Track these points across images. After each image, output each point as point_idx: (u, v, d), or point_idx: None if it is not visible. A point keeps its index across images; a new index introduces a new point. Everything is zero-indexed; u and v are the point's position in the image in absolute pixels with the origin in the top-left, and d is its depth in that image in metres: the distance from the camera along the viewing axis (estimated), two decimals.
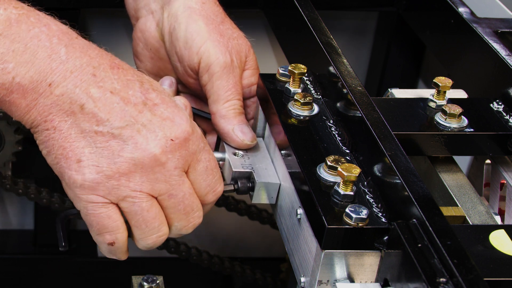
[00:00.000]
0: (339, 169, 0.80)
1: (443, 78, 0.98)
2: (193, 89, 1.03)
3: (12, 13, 0.79)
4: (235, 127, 0.96)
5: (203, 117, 1.02)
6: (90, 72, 0.79)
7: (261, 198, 0.93)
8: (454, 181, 0.97)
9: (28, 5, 0.82)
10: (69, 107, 0.79)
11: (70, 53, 0.79)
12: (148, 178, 0.81)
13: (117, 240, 0.85)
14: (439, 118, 0.95)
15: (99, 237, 0.85)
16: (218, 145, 1.00)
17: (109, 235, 0.84)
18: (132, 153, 0.80)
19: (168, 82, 1.03)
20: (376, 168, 0.84)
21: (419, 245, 0.73)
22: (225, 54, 0.97)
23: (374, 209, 0.81)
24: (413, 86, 1.52)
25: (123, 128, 0.80)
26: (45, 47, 0.79)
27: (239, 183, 0.92)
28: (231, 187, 0.93)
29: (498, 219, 0.94)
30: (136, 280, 0.90)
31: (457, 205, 0.94)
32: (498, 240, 0.79)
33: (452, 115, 0.94)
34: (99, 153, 0.80)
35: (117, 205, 0.83)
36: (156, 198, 0.83)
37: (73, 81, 0.79)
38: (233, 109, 0.97)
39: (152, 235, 0.85)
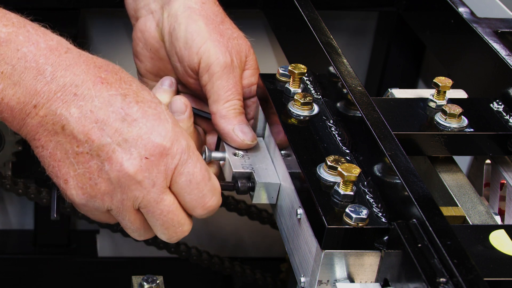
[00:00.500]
0: (339, 169, 0.80)
1: (443, 78, 0.98)
2: (193, 89, 1.03)
3: (1, 32, 0.80)
4: (235, 127, 0.96)
5: (203, 117, 1.02)
6: (72, 92, 0.81)
7: (261, 198, 0.92)
8: (454, 181, 0.97)
9: (20, 16, 0.83)
10: (52, 127, 0.81)
11: (55, 72, 0.81)
12: (127, 196, 0.84)
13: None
14: (439, 118, 0.95)
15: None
16: (218, 145, 1.00)
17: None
18: (109, 174, 0.82)
19: (168, 82, 1.03)
20: (376, 168, 0.84)
21: (419, 245, 0.73)
22: (225, 54, 0.97)
23: (374, 209, 0.81)
24: (413, 86, 1.52)
25: (100, 149, 0.81)
26: (31, 68, 0.80)
27: (239, 183, 0.92)
28: (231, 185, 0.92)
29: (498, 219, 0.94)
30: (136, 280, 0.90)
31: (457, 205, 0.94)
32: (498, 240, 0.79)
33: (452, 115, 0.94)
34: (82, 174, 0.83)
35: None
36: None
37: (56, 102, 0.81)
38: (233, 109, 0.97)
39: (139, 237, 0.89)
